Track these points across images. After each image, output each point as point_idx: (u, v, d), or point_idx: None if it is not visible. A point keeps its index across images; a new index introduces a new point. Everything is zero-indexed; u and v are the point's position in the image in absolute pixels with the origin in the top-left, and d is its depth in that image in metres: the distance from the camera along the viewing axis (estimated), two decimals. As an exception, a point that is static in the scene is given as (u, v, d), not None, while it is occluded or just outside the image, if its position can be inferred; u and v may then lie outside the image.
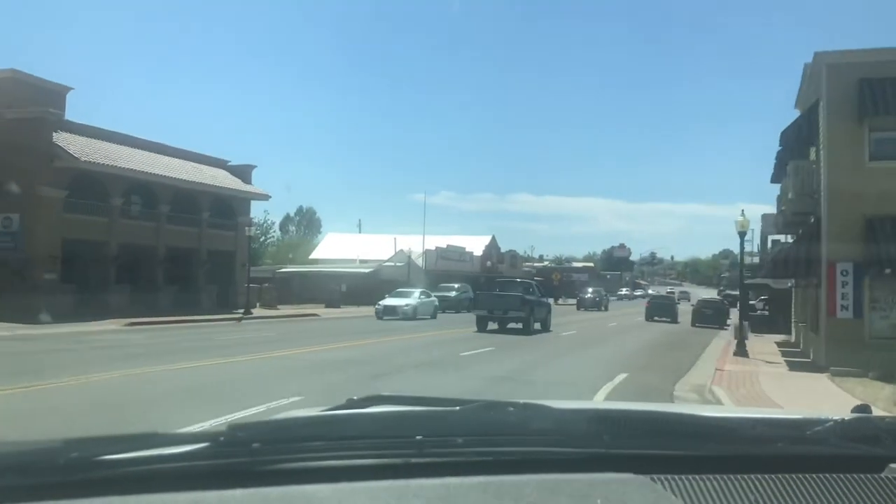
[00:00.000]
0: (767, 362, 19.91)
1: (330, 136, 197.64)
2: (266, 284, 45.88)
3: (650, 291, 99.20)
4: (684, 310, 47.00)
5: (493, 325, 28.01)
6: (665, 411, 1.87)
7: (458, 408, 1.69)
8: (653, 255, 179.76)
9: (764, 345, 26.57)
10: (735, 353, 21.42)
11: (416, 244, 59.48)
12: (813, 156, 21.25)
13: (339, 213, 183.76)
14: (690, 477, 1.29)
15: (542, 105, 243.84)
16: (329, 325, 31.68)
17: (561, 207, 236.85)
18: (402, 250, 59.43)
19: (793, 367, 18.85)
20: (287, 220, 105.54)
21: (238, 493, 1.18)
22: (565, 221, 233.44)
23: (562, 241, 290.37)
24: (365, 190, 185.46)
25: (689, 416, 1.72)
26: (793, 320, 30.81)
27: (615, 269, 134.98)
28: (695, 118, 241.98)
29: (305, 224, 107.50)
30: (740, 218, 23.34)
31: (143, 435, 1.37)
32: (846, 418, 1.64)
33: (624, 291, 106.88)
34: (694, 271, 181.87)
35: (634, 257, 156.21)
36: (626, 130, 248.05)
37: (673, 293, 77.20)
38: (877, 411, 2.14)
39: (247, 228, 39.70)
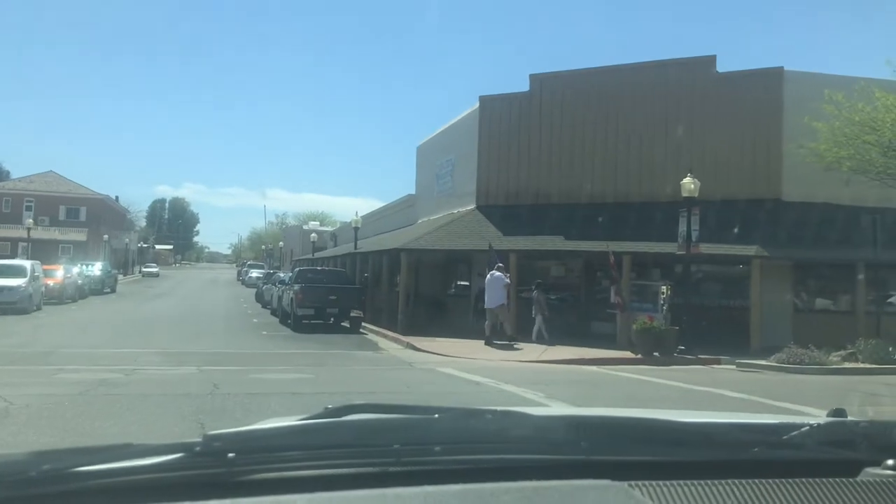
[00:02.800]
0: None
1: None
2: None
3: None
4: None
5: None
6: (643, 417, 1.91)
7: (436, 416, 1.69)
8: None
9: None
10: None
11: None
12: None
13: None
14: (668, 483, 1.30)
15: (302, 91, 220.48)
16: None
17: (320, 205, 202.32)
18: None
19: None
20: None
21: (213, 503, 1.18)
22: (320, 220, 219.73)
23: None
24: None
25: (667, 422, 1.76)
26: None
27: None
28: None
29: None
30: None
31: (117, 446, 1.36)
32: (822, 423, 1.66)
33: None
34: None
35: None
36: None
37: None
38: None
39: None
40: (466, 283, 27.03)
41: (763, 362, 16.37)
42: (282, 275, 35.49)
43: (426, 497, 1.21)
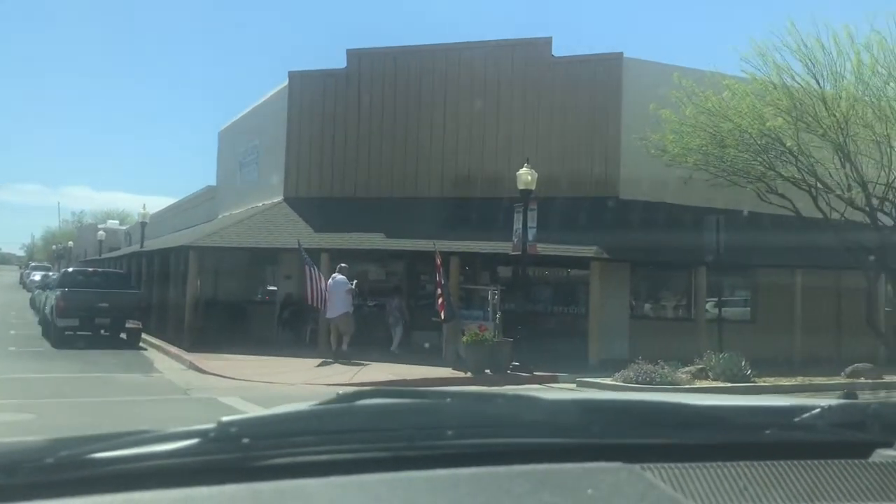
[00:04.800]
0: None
1: None
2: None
3: None
4: None
5: None
6: (655, 401, 1.73)
7: (448, 400, 1.71)
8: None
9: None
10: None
11: None
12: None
13: None
14: (680, 465, 1.28)
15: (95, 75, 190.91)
16: None
17: (127, 204, 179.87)
18: None
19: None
20: None
21: (229, 488, 1.16)
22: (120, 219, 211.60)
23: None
24: None
25: (679, 405, 1.68)
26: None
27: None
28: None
29: None
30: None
31: (132, 432, 1.34)
32: (833, 404, 1.59)
33: None
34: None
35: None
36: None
37: None
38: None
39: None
40: (274, 288, 23.54)
41: (608, 381, 14.28)
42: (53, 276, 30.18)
43: (439, 480, 1.20)
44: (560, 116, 19.18)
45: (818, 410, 1.51)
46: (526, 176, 15.80)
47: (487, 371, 15.30)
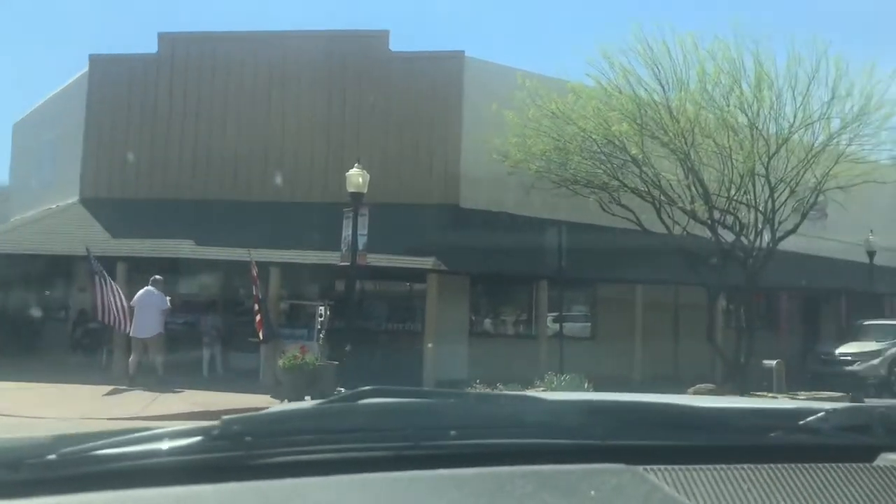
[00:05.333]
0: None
1: None
2: None
3: None
4: None
5: None
6: (659, 402, 1.72)
7: (451, 400, 1.73)
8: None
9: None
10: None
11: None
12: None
13: None
14: (683, 467, 1.27)
15: None
16: None
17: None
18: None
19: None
20: None
21: (232, 486, 1.16)
22: None
23: None
24: None
25: (683, 406, 1.68)
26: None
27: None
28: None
29: None
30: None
31: (135, 430, 1.37)
32: (839, 408, 1.63)
33: None
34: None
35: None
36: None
37: None
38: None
39: None
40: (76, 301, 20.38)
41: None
42: None
43: (442, 480, 1.20)
44: (397, 117, 17.62)
45: (823, 413, 1.50)
46: (356, 177, 14.09)
47: (308, 398, 13.38)
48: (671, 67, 14.93)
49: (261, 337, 15.15)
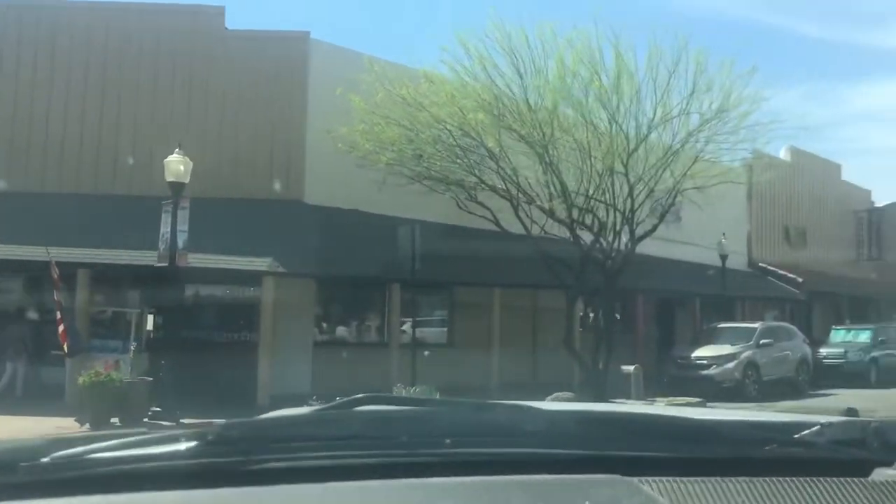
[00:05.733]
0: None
1: None
2: None
3: None
4: None
5: None
6: (654, 413, 1.76)
7: (447, 408, 1.71)
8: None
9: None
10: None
11: None
12: None
13: None
14: (678, 479, 1.26)
15: None
16: None
17: None
18: None
19: None
20: None
21: (227, 491, 1.16)
22: None
23: None
24: None
25: (679, 418, 1.71)
26: None
27: None
28: None
29: None
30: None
31: (130, 433, 1.36)
32: (834, 421, 1.63)
33: None
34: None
35: None
36: None
37: None
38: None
39: None
40: None
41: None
42: None
43: (435, 488, 1.19)
44: (234, 101, 15.86)
45: (818, 427, 1.52)
46: (176, 165, 12.25)
47: (115, 420, 11.46)
48: (529, 56, 14.02)
49: (65, 350, 13.01)
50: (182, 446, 1.24)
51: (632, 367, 16.07)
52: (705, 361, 18.53)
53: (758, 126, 15.21)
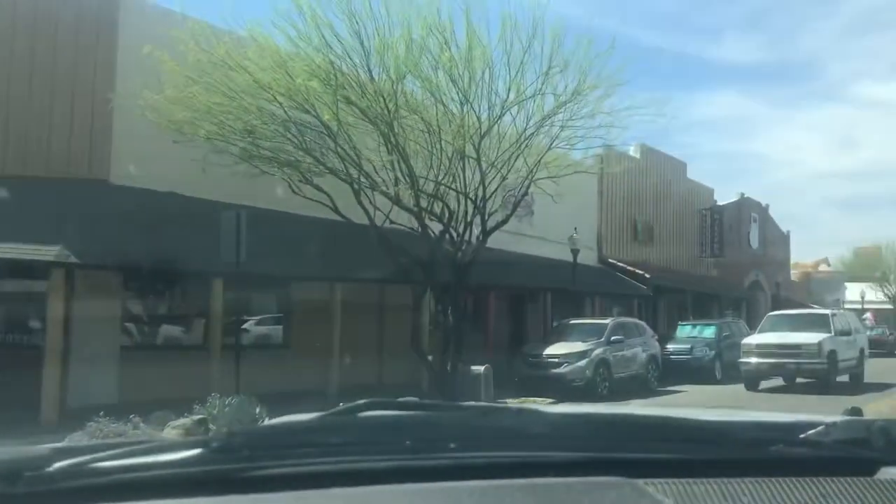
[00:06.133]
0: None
1: None
2: None
3: None
4: None
5: None
6: (659, 415, 1.75)
7: (451, 413, 1.75)
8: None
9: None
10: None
11: None
12: None
13: None
14: (684, 481, 1.26)
15: None
16: None
17: None
18: None
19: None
20: None
21: (231, 499, 1.17)
22: None
23: None
24: None
25: (684, 420, 1.70)
26: None
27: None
28: None
29: None
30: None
31: (135, 442, 1.40)
32: (839, 421, 1.62)
33: None
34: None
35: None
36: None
37: None
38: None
39: None
40: None
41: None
42: None
43: (441, 493, 1.20)
44: (23, 60, 13.36)
45: (823, 427, 1.51)
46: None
47: None
48: (372, 22, 12.49)
49: None
50: (187, 454, 1.24)
51: (482, 368, 14.96)
52: (556, 359, 17.74)
53: (614, 113, 14.44)
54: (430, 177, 13.76)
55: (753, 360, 18.90)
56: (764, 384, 19.06)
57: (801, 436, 1.46)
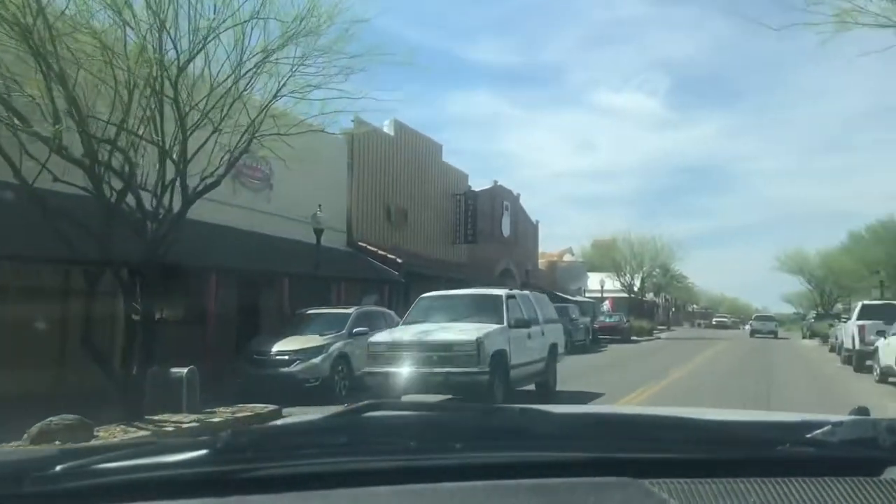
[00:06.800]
0: None
1: None
2: None
3: None
4: None
5: None
6: (664, 415, 1.73)
7: (456, 413, 1.75)
8: None
9: None
10: None
11: None
12: None
13: None
14: (689, 480, 1.26)
15: None
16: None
17: None
18: None
19: None
20: None
21: (235, 499, 1.16)
22: None
23: None
24: None
25: (689, 419, 1.67)
26: None
27: None
28: None
29: None
30: None
31: (140, 443, 1.44)
32: (845, 421, 1.61)
33: None
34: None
35: None
36: None
37: None
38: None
39: None
40: None
41: None
42: None
43: (446, 493, 1.19)
44: None
45: (829, 426, 1.48)
46: None
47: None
48: None
49: None
50: (192, 454, 1.24)
51: (184, 371, 11.71)
52: (287, 356, 14.86)
53: (358, 57, 11.81)
54: (111, 119, 10.27)
55: (382, 368, 12.49)
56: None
57: (808, 435, 1.44)
